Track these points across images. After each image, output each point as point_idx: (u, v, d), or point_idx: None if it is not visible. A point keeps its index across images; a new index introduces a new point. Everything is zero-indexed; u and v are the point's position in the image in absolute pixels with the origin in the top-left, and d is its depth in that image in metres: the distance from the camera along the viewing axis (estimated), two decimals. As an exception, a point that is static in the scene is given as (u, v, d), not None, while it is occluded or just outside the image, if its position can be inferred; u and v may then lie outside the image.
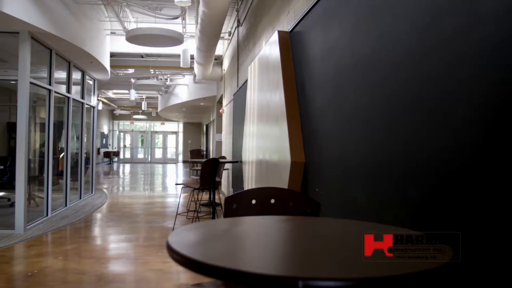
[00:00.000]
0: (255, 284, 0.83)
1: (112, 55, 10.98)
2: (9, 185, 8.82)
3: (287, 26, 4.02)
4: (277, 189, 1.93)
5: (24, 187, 6.13)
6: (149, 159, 31.17)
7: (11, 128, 12.06)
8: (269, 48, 4.19)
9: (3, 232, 5.99)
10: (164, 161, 30.84)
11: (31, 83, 6.28)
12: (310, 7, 3.13)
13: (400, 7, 1.81)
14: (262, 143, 4.46)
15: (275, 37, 3.87)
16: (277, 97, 3.61)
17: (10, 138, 12.30)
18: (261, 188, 1.92)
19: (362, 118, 2.16)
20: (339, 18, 2.59)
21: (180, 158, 30.93)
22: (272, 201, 1.84)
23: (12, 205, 7.02)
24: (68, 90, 8.34)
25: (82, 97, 9.41)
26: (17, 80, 6.14)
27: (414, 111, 1.67)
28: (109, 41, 10.24)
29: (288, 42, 3.68)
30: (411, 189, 1.67)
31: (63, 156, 8.77)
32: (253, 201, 1.82)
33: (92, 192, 10.45)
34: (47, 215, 7.15)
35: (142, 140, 32.28)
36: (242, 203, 1.81)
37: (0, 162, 8.89)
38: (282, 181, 3.23)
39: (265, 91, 4.37)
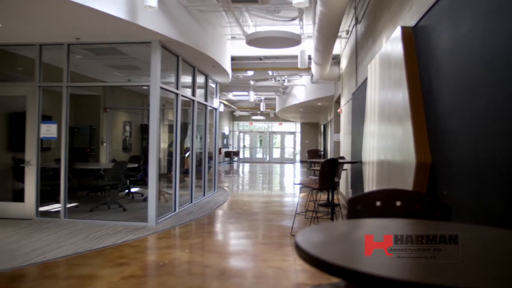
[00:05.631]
0: (386, 289, 0.80)
1: (232, 58, 11.42)
2: (142, 182, 9.65)
3: (409, 21, 3.83)
4: (403, 191, 1.84)
5: (156, 184, 6.64)
6: (267, 159, 31.88)
7: (144, 129, 13.18)
8: (391, 45, 4.04)
9: (138, 224, 6.56)
10: (282, 161, 31.32)
11: (161, 88, 6.79)
12: (436, -1, 2.95)
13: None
14: (384, 143, 4.31)
15: (397, 33, 3.72)
16: (400, 96, 3.46)
17: (143, 138, 13.43)
18: (386, 190, 1.84)
19: (499, 116, 1.97)
20: (469, 8, 2.40)
21: (298, 158, 31.17)
22: (398, 203, 1.76)
23: (145, 200, 7.67)
24: (193, 94, 8.87)
25: (206, 100, 9.94)
26: (149, 85, 6.68)
27: None
28: (229, 46, 10.69)
29: (411, 38, 3.50)
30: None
31: (188, 156, 9.35)
32: (378, 203, 1.76)
33: (214, 190, 10.98)
34: (175, 210, 7.67)
35: (260, 140, 33.15)
36: (366, 205, 1.75)
37: (135, 161, 9.76)
38: (406, 183, 3.08)
39: (386, 90, 4.22)
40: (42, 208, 7.09)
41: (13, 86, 7.43)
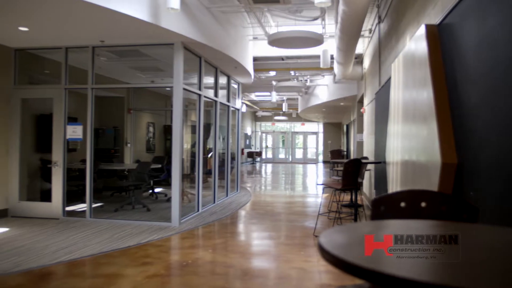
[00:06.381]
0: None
1: (254, 59, 11.44)
2: (166, 182, 9.75)
3: (434, 19, 3.78)
4: (428, 192, 1.81)
5: (179, 184, 6.70)
6: (290, 159, 31.80)
7: (167, 130, 13.30)
8: (415, 43, 3.98)
9: (161, 224, 6.63)
10: (305, 161, 31.20)
11: (184, 89, 6.84)
12: (461, -4, 2.90)
13: None
14: (408, 143, 4.25)
15: (421, 31, 3.67)
16: (425, 95, 3.41)
17: (166, 139, 13.56)
18: (411, 191, 1.81)
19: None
20: (496, 5, 2.35)
21: (320, 158, 31.01)
22: (423, 204, 1.73)
23: (169, 200, 7.74)
24: (216, 94, 8.91)
25: (228, 101, 9.97)
26: (172, 87, 6.74)
27: None
28: (251, 46, 10.70)
29: (436, 36, 3.45)
30: None
31: (211, 156, 9.40)
32: (402, 204, 1.74)
33: (237, 190, 11.01)
34: (198, 210, 7.72)
35: (283, 141, 33.10)
36: (390, 206, 1.73)
37: (158, 161, 9.86)
38: (431, 184, 3.03)
39: (410, 89, 4.17)
40: (68, 208, 7.24)
41: (40, 88, 7.60)
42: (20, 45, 7.05)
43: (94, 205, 7.14)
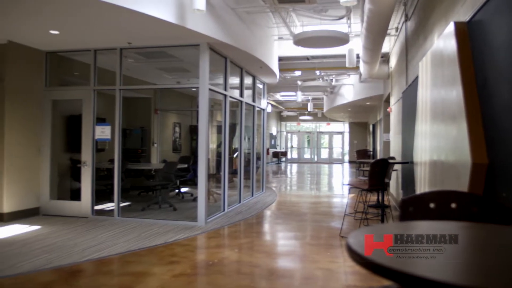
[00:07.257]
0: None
1: (280, 59, 11.42)
2: (192, 182, 9.83)
3: (463, 17, 3.70)
4: (458, 193, 1.77)
5: (205, 184, 6.74)
6: (315, 159, 31.64)
7: (193, 130, 13.41)
8: (443, 41, 3.91)
9: (188, 223, 6.69)
10: (330, 161, 30.98)
11: (209, 89, 6.89)
12: (493, -8, 2.83)
13: None
14: (437, 143, 4.18)
15: (450, 29, 3.60)
16: (454, 94, 3.34)
17: (192, 139, 13.68)
18: (441, 191, 1.78)
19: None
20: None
21: (346, 158, 30.76)
22: (453, 205, 1.70)
23: (195, 199, 7.80)
24: (241, 94, 8.93)
25: (253, 101, 9.99)
26: (198, 87, 6.79)
27: None
28: (277, 46, 10.69)
29: (466, 33, 3.38)
30: None
31: (236, 156, 9.43)
32: (431, 205, 1.71)
33: (262, 190, 11.01)
34: (223, 210, 7.76)
35: (308, 141, 32.96)
36: (419, 207, 1.71)
37: (184, 161, 9.95)
38: (461, 184, 2.97)
39: (439, 88, 4.09)
40: (97, 207, 7.38)
41: (70, 90, 7.77)
42: (51, 48, 7.22)
43: (122, 204, 7.25)
